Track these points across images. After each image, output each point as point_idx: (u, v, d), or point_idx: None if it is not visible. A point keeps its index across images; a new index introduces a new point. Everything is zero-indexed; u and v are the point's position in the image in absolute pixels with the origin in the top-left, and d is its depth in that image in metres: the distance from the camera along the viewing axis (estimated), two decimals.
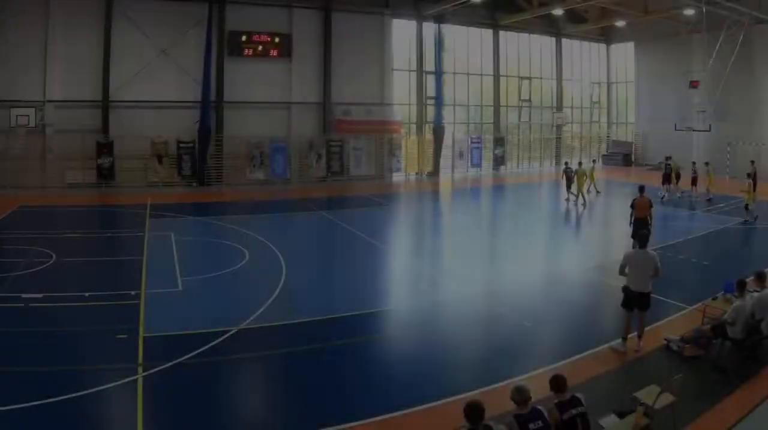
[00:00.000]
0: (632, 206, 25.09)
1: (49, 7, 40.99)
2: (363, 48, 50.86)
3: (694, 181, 38.77)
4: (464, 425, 8.53)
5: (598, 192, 41.43)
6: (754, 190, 33.57)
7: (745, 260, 24.31)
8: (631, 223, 25.01)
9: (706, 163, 40.89)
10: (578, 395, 9.56)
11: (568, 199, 39.19)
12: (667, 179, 39.14)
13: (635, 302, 14.84)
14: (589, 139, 66.78)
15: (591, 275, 22.32)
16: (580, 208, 37.28)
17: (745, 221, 31.91)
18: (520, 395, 8.95)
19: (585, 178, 38.62)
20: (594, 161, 45.18)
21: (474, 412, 8.43)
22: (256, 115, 46.95)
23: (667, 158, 40.95)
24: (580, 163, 42.31)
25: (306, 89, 48.73)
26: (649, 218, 24.58)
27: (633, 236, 23.76)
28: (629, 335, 14.83)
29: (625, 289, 15.07)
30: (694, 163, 40.98)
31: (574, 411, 9.25)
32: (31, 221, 31.19)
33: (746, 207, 32.17)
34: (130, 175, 43.54)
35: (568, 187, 39.45)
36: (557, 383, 9.51)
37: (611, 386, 12.94)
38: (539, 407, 9.07)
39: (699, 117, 48.13)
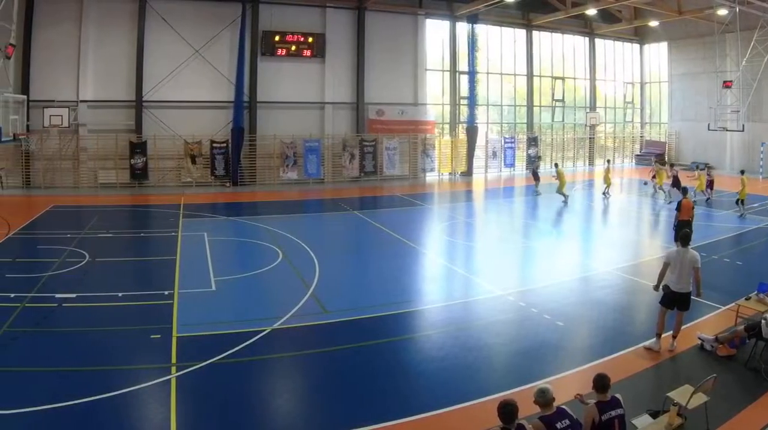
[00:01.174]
0: (678, 209, 24.43)
1: (82, 7, 40.81)
2: (396, 48, 50.32)
3: (710, 185, 38.47)
4: (498, 424, 8.46)
5: (604, 194, 40.12)
6: None
7: None
8: (675, 225, 24.37)
9: (702, 167, 40.95)
10: (618, 396, 9.43)
11: (536, 193, 41.88)
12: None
13: (676, 302, 14.65)
14: (622, 139, 65.71)
15: (622, 274, 21.86)
16: (562, 205, 37.13)
17: (741, 215, 32.31)
18: (543, 397, 8.88)
19: (564, 177, 38.46)
20: (608, 161, 44.32)
21: (507, 411, 8.36)
22: (290, 115, 46.59)
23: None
24: (555, 164, 44.19)
25: (339, 89, 48.29)
26: (691, 219, 24.10)
27: (677, 239, 23.21)
28: (663, 335, 14.64)
29: (666, 288, 14.81)
30: (708, 166, 40.98)
31: (613, 412, 9.13)
32: (64, 221, 31.07)
33: (741, 202, 32.60)
34: (163, 176, 43.40)
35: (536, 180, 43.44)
36: (601, 382, 9.38)
37: (644, 386, 12.75)
38: (564, 407, 9.03)
39: (732, 117, 47.63)
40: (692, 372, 13.05)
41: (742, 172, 35.04)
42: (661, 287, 15.08)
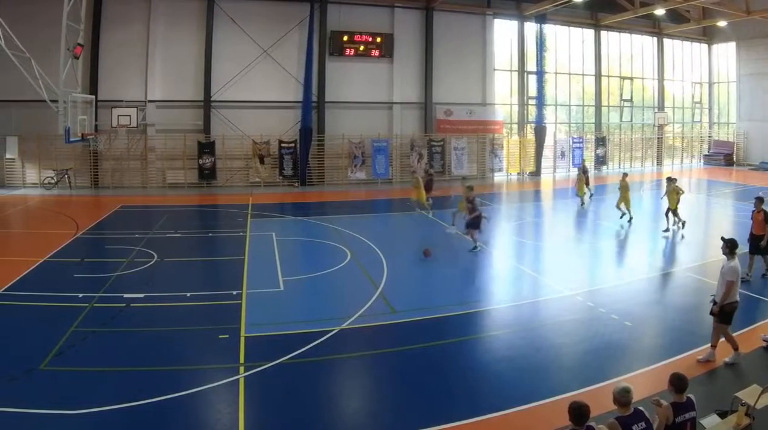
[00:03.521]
0: None
1: (150, 7, 39.49)
2: (464, 48, 47.70)
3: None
4: (568, 425, 8.11)
5: (584, 201, 34.63)
6: None
7: None
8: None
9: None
10: (692, 397, 8.98)
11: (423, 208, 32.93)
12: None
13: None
14: (690, 139, 61.78)
15: (690, 274, 20.79)
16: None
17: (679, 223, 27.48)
18: (625, 397, 8.34)
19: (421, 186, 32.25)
20: (584, 160, 40.39)
21: (579, 413, 7.99)
22: (358, 115, 44.49)
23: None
24: (426, 170, 36.86)
25: (407, 89, 45.90)
26: None
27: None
28: (712, 344, 13.59)
29: (732, 304, 13.33)
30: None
31: (687, 415, 8.71)
32: (132, 221, 30.04)
33: (673, 212, 27.35)
34: (231, 176, 41.80)
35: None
36: (679, 383, 8.88)
37: (712, 386, 12.26)
38: (641, 408, 8.50)
39: None
40: (759, 373, 12.57)
41: (669, 179, 28.29)
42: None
